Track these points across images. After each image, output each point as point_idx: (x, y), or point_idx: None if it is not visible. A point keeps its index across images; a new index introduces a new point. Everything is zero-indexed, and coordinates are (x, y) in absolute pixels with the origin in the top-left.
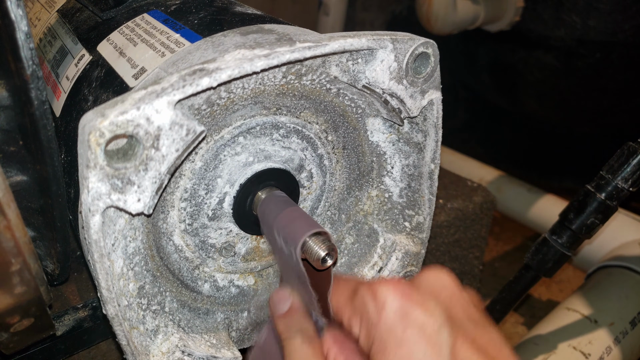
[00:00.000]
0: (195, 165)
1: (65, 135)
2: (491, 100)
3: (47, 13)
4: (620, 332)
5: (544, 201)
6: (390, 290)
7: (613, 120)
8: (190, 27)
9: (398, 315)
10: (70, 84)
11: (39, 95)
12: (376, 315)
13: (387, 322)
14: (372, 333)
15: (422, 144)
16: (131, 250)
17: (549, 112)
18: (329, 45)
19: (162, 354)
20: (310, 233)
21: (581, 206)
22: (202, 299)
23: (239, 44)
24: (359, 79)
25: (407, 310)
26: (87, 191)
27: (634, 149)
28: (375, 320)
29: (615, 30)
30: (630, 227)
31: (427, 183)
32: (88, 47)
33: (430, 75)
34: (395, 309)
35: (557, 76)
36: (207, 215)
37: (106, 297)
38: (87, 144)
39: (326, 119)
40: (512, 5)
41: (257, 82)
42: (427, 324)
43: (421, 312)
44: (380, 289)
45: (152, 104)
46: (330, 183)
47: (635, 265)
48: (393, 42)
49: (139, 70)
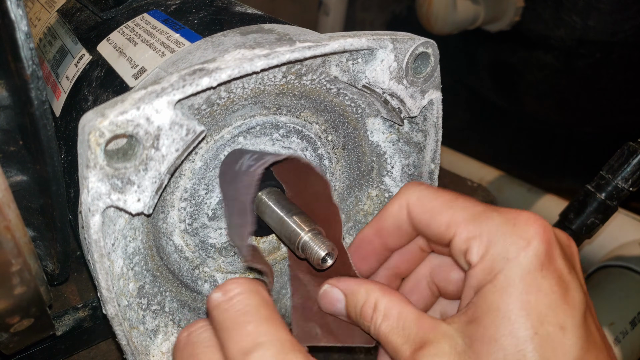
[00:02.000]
0: (195, 165)
1: (65, 135)
2: (491, 100)
3: (47, 13)
4: (620, 332)
5: (544, 201)
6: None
7: (613, 120)
8: (190, 27)
9: (542, 259)
10: (70, 84)
11: (39, 95)
12: (515, 251)
13: (529, 259)
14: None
15: (422, 143)
16: (131, 250)
17: (549, 112)
18: (329, 45)
19: (162, 354)
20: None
21: (581, 206)
22: (202, 299)
23: (239, 43)
24: (359, 79)
25: (552, 257)
26: (87, 191)
27: (634, 149)
28: (512, 254)
29: (615, 30)
30: (630, 227)
31: (427, 183)
32: (88, 47)
33: (430, 75)
34: (543, 250)
35: (557, 76)
36: (207, 215)
37: (106, 297)
38: (87, 144)
39: (326, 118)
40: (512, 5)
41: (257, 82)
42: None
43: (564, 264)
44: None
45: (152, 103)
46: (330, 183)
47: (635, 265)
48: (393, 42)
49: (139, 70)
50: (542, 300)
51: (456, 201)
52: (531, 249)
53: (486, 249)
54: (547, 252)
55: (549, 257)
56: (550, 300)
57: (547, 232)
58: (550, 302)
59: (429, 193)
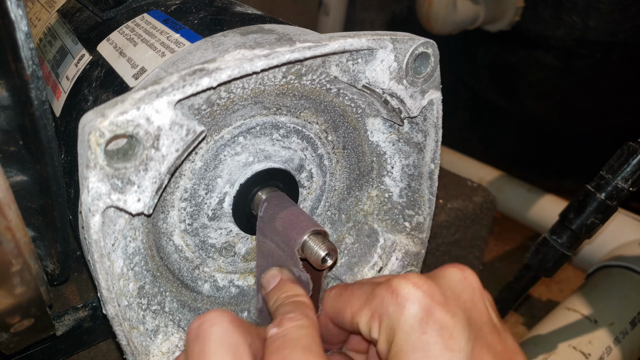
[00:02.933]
0: (195, 165)
1: (65, 135)
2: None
3: (47, 13)
4: (620, 332)
5: (544, 201)
6: (412, 289)
7: (613, 120)
8: (190, 27)
9: (419, 316)
10: (70, 84)
11: (39, 95)
12: (397, 315)
13: (408, 322)
14: (392, 334)
15: (422, 144)
16: (131, 250)
17: (549, 112)
18: (329, 45)
19: (162, 354)
20: (310, 231)
21: (581, 206)
22: (202, 299)
23: (239, 44)
24: (359, 79)
25: (429, 310)
26: (87, 191)
27: (634, 149)
28: (395, 321)
29: (615, 30)
30: (630, 227)
31: (427, 183)
32: (88, 47)
33: (430, 75)
34: (417, 309)
35: (557, 76)
36: (207, 215)
37: (106, 297)
38: (87, 144)
39: (326, 119)
40: (512, 5)
41: (257, 82)
42: (447, 327)
43: (442, 314)
44: (401, 288)
45: (152, 104)
46: (330, 183)
47: (635, 265)
48: (393, 42)
49: (139, 70)
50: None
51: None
52: (407, 312)
53: (379, 324)
54: (423, 308)
55: (425, 313)
56: (434, 352)
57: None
58: (437, 351)
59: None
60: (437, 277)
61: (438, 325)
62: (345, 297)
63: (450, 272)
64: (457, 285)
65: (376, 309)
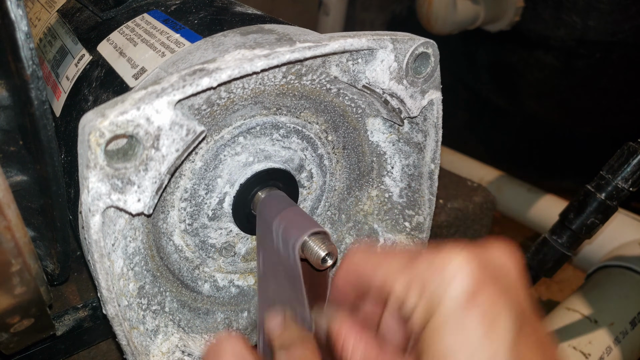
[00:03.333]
0: (195, 165)
1: (65, 135)
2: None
3: (47, 13)
4: (620, 332)
5: (544, 201)
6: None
7: (613, 120)
8: (190, 27)
9: (464, 296)
10: (70, 84)
11: (39, 95)
12: (441, 290)
13: (451, 300)
14: (433, 309)
15: (422, 144)
16: (131, 250)
17: (549, 112)
18: (329, 45)
19: (162, 354)
20: (310, 232)
21: (581, 206)
22: (202, 299)
23: (239, 44)
24: (359, 79)
25: (474, 291)
26: (87, 191)
27: (634, 149)
28: (438, 297)
29: (615, 30)
30: (630, 227)
31: (427, 183)
32: (88, 47)
33: (430, 75)
34: (463, 288)
35: (557, 76)
36: (207, 215)
37: (106, 297)
38: (87, 144)
39: (326, 119)
40: (512, 5)
41: (257, 82)
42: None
43: (488, 297)
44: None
45: (152, 104)
46: (330, 183)
47: (635, 265)
48: (393, 42)
49: (139, 70)
50: (468, 338)
51: (387, 257)
52: (454, 287)
53: (420, 294)
54: (472, 285)
55: (473, 291)
56: (478, 333)
57: (470, 265)
58: (479, 335)
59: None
60: (485, 253)
61: (482, 309)
62: (378, 259)
63: (498, 249)
64: (505, 265)
65: (417, 276)
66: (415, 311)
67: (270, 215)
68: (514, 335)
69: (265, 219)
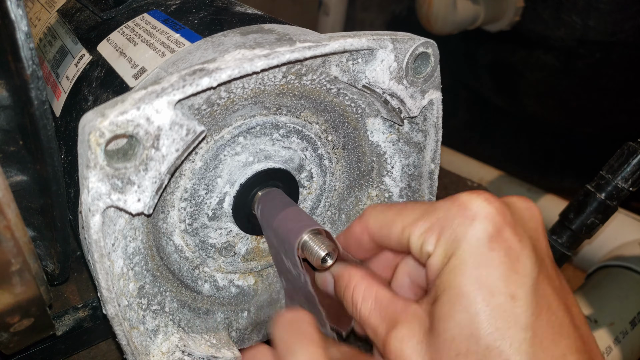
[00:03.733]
0: (195, 165)
1: (65, 135)
2: (491, 100)
3: (47, 13)
4: (620, 332)
5: (544, 201)
6: (484, 204)
7: (613, 120)
8: (190, 27)
9: (489, 232)
10: (70, 84)
11: (39, 95)
12: (464, 228)
13: (476, 236)
14: (453, 248)
15: (422, 143)
16: (131, 250)
17: (549, 112)
18: (329, 45)
19: (162, 354)
20: (310, 231)
21: (581, 206)
22: (202, 298)
23: (239, 44)
24: (359, 79)
25: (499, 228)
26: (87, 191)
27: (634, 149)
28: (461, 234)
29: (615, 30)
30: (630, 227)
31: (427, 183)
32: (88, 47)
33: (430, 75)
34: (487, 224)
35: (557, 76)
36: (207, 215)
37: (106, 297)
38: (87, 144)
39: (326, 119)
40: (512, 5)
41: (257, 82)
42: (515, 250)
43: (512, 235)
44: (472, 202)
45: (152, 104)
46: (331, 183)
47: (635, 265)
48: (393, 42)
49: (139, 70)
50: (491, 273)
51: (405, 207)
52: (476, 226)
53: (438, 237)
54: (494, 225)
55: (496, 230)
56: (499, 272)
57: (492, 205)
58: (500, 274)
59: (383, 209)
60: (506, 199)
61: (507, 245)
62: (396, 210)
63: (516, 200)
64: (524, 213)
65: (437, 221)
66: (434, 254)
67: (270, 216)
68: (535, 278)
69: (266, 220)
